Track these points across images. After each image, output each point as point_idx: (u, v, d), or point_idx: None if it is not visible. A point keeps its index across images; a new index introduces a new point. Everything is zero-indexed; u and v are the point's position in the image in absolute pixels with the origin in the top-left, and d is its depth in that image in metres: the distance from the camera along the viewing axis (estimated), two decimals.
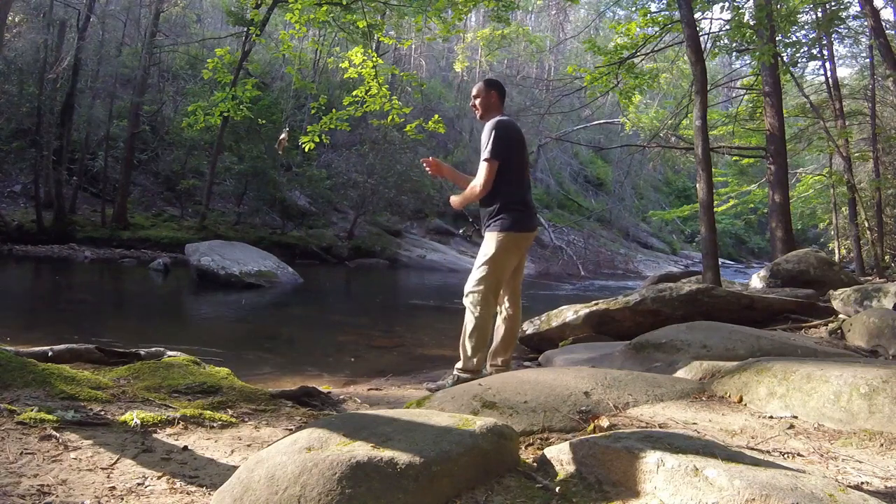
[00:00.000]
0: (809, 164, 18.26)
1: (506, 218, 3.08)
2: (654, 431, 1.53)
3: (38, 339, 4.00)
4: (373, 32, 8.41)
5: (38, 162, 13.86)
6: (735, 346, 3.06)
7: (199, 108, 8.01)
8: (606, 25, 14.07)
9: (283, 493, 1.12)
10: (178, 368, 2.47)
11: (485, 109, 3.28)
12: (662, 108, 17.18)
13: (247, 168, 15.44)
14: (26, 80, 14.33)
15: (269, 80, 19.31)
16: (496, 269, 3.05)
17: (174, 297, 9.21)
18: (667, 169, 30.36)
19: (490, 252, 3.05)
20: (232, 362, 3.37)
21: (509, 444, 1.41)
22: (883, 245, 12.05)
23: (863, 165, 13.81)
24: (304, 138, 7.38)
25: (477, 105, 3.32)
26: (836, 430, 1.76)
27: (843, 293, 5.17)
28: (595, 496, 1.18)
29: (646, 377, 2.36)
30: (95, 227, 14.31)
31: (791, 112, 12.93)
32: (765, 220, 15.99)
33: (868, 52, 13.35)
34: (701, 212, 6.26)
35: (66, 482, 1.33)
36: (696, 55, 6.53)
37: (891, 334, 3.62)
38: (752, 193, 13.95)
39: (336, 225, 17.72)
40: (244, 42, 14.05)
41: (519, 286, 3.23)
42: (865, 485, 1.29)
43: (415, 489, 1.15)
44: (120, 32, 17.73)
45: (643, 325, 4.40)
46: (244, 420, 2.03)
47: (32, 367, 2.04)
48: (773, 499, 0.99)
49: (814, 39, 11.58)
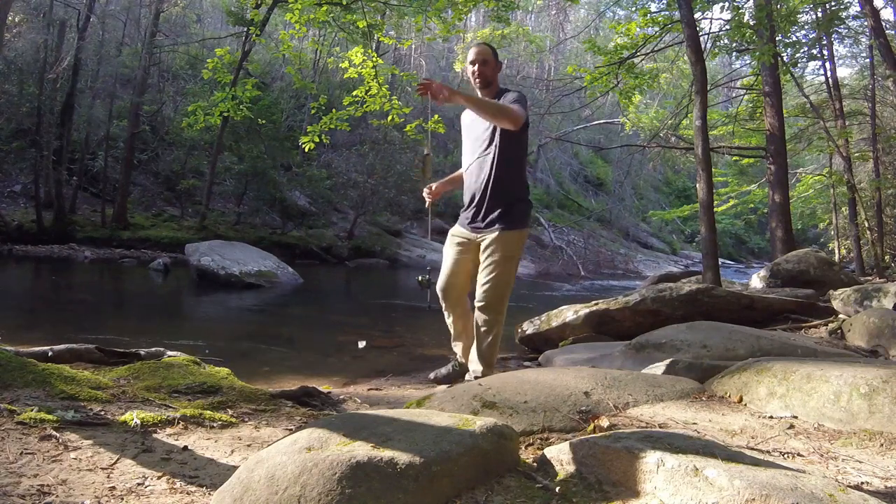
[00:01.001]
0: (809, 164, 18.26)
1: (526, 211, 2.86)
2: (654, 431, 1.53)
3: (38, 339, 4.00)
4: (373, 32, 8.41)
5: (38, 162, 13.86)
6: (735, 346, 3.06)
7: (199, 108, 8.02)
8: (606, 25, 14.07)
9: (283, 493, 1.12)
10: (178, 368, 2.47)
11: (492, 79, 2.82)
12: (662, 108, 17.18)
13: (247, 168, 15.44)
14: (26, 80, 14.32)
15: (269, 80, 19.31)
16: (514, 273, 2.86)
17: (174, 297, 9.20)
18: (667, 169, 30.36)
19: (514, 253, 2.80)
20: (232, 362, 3.36)
21: (509, 444, 1.41)
22: (883, 245, 12.05)
23: (863, 165, 13.81)
24: (304, 138, 7.38)
25: (483, 72, 2.80)
26: (836, 430, 1.76)
27: (843, 293, 5.17)
28: (595, 496, 1.18)
29: (646, 377, 2.36)
30: (95, 227, 14.31)
31: (791, 112, 12.94)
32: (765, 220, 15.99)
33: (868, 52, 13.35)
34: (701, 212, 6.26)
35: (66, 482, 1.33)
36: (696, 55, 6.53)
37: (891, 334, 3.63)
38: (752, 193, 13.96)
39: (336, 225, 17.72)
40: (244, 42, 14.05)
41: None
42: (865, 485, 1.29)
43: (415, 489, 1.15)
44: (120, 32, 17.73)
45: (643, 325, 4.40)
46: (244, 420, 2.03)
47: (32, 367, 2.04)
48: (773, 499, 0.99)
49: (814, 39, 11.58)
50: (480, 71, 2.77)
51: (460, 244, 3.02)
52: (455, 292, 3.07)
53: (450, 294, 3.07)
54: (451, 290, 3.06)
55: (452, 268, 3.03)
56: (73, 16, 15.24)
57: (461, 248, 3.01)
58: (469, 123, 3.04)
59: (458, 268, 3.02)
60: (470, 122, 3.03)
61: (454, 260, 3.02)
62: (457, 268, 3.02)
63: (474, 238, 2.95)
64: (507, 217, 2.85)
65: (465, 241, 3.00)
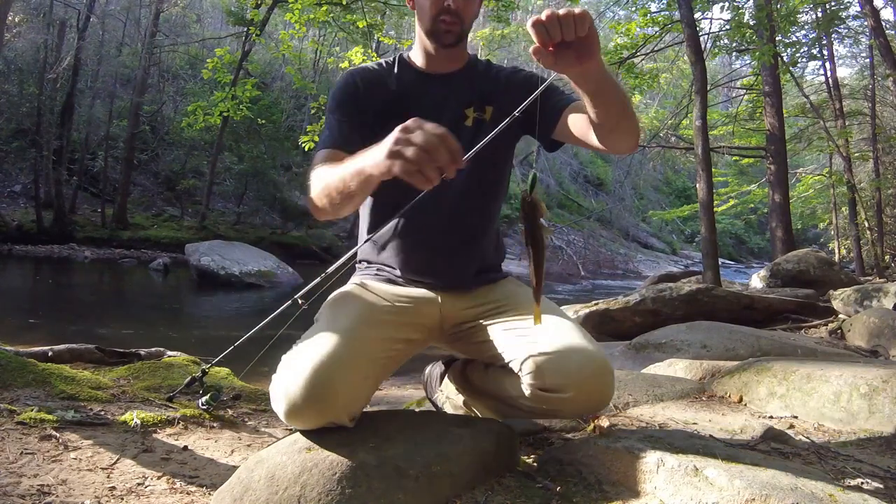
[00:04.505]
0: (809, 164, 18.26)
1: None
2: (654, 431, 1.53)
3: (38, 339, 4.00)
4: (373, 32, 8.42)
5: (38, 162, 13.86)
6: (735, 346, 3.06)
7: (199, 108, 8.04)
8: (606, 25, 14.07)
9: (283, 492, 1.12)
10: (178, 368, 2.47)
11: (468, 29, 1.53)
12: (662, 108, 17.20)
13: (247, 168, 15.44)
14: (26, 80, 14.33)
15: (269, 80, 19.30)
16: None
17: (174, 297, 9.21)
18: (667, 169, 30.36)
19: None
20: (232, 362, 3.37)
21: (510, 443, 1.41)
22: (883, 245, 12.06)
23: (863, 165, 13.81)
24: (304, 138, 7.39)
25: (467, 9, 1.48)
26: (836, 429, 1.76)
27: (843, 293, 5.17)
28: (595, 496, 1.18)
29: (646, 377, 2.36)
30: (95, 227, 14.32)
31: (791, 112, 12.94)
32: (765, 220, 16.00)
33: (868, 52, 13.35)
34: (701, 212, 6.27)
35: (66, 482, 1.33)
36: (696, 55, 6.53)
37: (891, 334, 3.63)
38: (752, 193, 13.96)
39: (336, 225, 17.72)
40: (244, 42, 14.05)
41: None
42: (865, 485, 1.29)
43: (415, 489, 1.15)
44: (120, 32, 17.74)
45: (643, 325, 4.40)
46: (244, 420, 2.03)
47: (32, 367, 2.04)
48: (773, 499, 0.99)
49: (814, 39, 11.58)
50: (462, 6, 1.46)
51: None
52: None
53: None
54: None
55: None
56: (73, 16, 15.24)
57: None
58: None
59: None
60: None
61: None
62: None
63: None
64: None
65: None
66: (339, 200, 1.28)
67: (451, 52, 1.55)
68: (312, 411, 1.22)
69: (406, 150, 1.02)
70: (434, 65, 1.57)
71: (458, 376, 1.71)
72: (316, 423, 1.24)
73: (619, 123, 1.30)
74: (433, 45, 1.53)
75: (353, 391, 1.27)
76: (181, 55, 18.73)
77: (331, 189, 1.29)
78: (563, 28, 1.03)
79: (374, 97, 1.52)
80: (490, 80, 1.57)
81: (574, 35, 1.04)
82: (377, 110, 1.50)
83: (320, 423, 1.24)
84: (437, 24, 1.48)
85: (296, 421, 1.25)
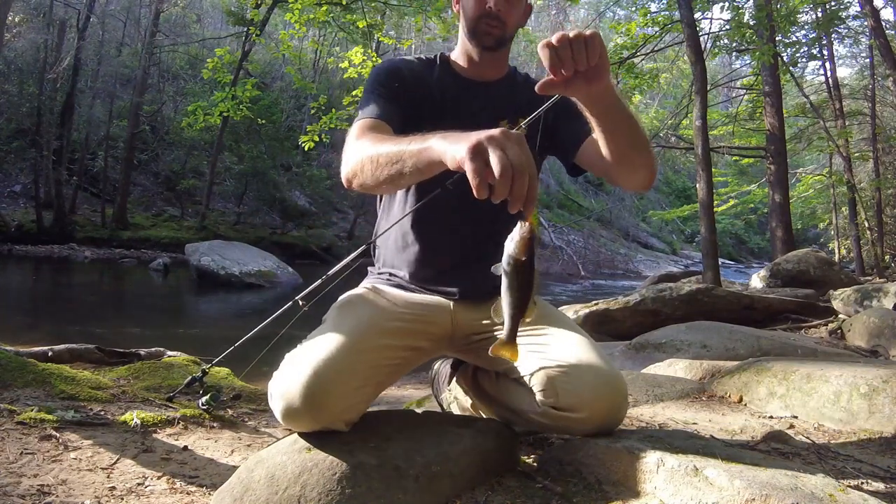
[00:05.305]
0: (809, 164, 18.26)
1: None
2: (654, 431, 1.53)
3: (38, 339, 4.00)
4: (373, 32, 8.42)
5: (38, 162, 13.87)
6: (735, 346, 3.06)
7: (199, 108, 8.04)
8: (606, 25, 14.09)
9: (283, 492, 1.12)
10: (178, 368, 2.47)
11: (512, 35, 1.52)
12: (662, 108, 17.20)
13: (247, 168, 15.45)
14: (26, 80, 14.34)
15: (269, 80, 19.31)
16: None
17: (174, 297, 9.21)
18: (667, 169, 30.36)
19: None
20: (232, 362, 3.37)
21: (510, 443, 1.41)
22: (883, 245, 12.07)
23: (863, 165, 13.82)
24: (304, 138, 7.39)
25: (509, 14, 1.45)
26: (836, 429, 1.76)
27: (843, 293, 5.17)
28: (595, 496, 1.18)
29: (646, 377, 2.36)
30: (95, 227, 14.32)
31: (791, 112, 12.94)
32: (765, 220, 16.00)
33: (868, 52, 13.35)
34: (701, 212, 6.27)
35: (66, 482, 1.33)
36: (696, 55, 6.53)
37: (891, 334, 3.62)
38: (752, 193, 13.96)
39: (336, 225, 17.73)
40: (244, 42, 14.06)
41: None
42: (865, 485, 1.29)
43: (415, 489, 1.15)
44: (120, 32, 17.75)
45: (643, 325, 4.40)
46: (244, 420, 2.03)
47: (32, 367, 2.04)
48: (773, 499, 0.99)
49: (814, 39, 11.58)
50: (505, 9, 1.43)
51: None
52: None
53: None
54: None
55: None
56: (73, 16, 15.25)
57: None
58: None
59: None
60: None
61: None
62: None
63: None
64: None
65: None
66: (386, 174, 1.17)
67: (493, 60, 1.54)
68: (308, 416, 1.22)
69: (496, 153, 0.93)
70: (475, 70, 1.56)
71: (469, 380, 1.69)
72: (311, 428, 1.25)
73: (628, 154, 1.28)
74: (475, 47, 1.51)
75: (350, 399, 1.26)
76: (181, 55, 18.73)
77: (380, 159, 1.18)
78: (575, 54, 1.03)
79: (415, 91, 1.50)
80: (526, 94, 1.50)
81: (586, 65, 1.04)
82: (415, 105, 1.47)
83: (315, 427, 1.24)
84: (479, 25, 1.47)
85: (291, 423, 1.25)
